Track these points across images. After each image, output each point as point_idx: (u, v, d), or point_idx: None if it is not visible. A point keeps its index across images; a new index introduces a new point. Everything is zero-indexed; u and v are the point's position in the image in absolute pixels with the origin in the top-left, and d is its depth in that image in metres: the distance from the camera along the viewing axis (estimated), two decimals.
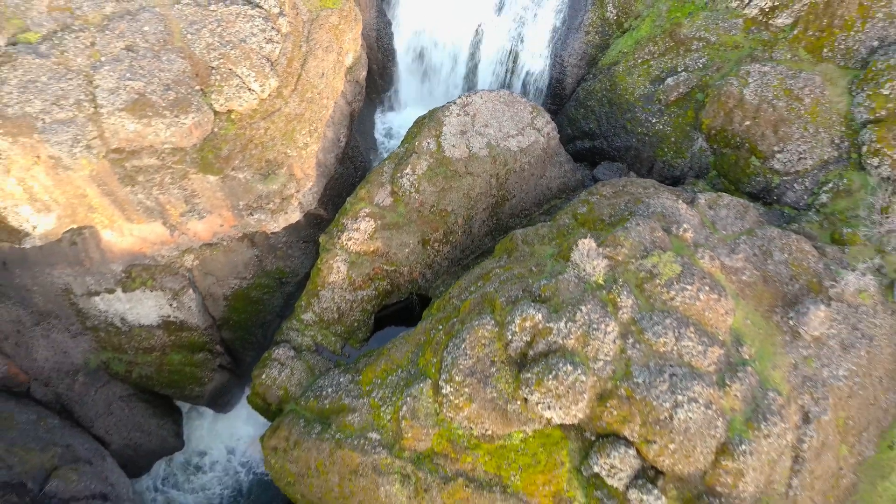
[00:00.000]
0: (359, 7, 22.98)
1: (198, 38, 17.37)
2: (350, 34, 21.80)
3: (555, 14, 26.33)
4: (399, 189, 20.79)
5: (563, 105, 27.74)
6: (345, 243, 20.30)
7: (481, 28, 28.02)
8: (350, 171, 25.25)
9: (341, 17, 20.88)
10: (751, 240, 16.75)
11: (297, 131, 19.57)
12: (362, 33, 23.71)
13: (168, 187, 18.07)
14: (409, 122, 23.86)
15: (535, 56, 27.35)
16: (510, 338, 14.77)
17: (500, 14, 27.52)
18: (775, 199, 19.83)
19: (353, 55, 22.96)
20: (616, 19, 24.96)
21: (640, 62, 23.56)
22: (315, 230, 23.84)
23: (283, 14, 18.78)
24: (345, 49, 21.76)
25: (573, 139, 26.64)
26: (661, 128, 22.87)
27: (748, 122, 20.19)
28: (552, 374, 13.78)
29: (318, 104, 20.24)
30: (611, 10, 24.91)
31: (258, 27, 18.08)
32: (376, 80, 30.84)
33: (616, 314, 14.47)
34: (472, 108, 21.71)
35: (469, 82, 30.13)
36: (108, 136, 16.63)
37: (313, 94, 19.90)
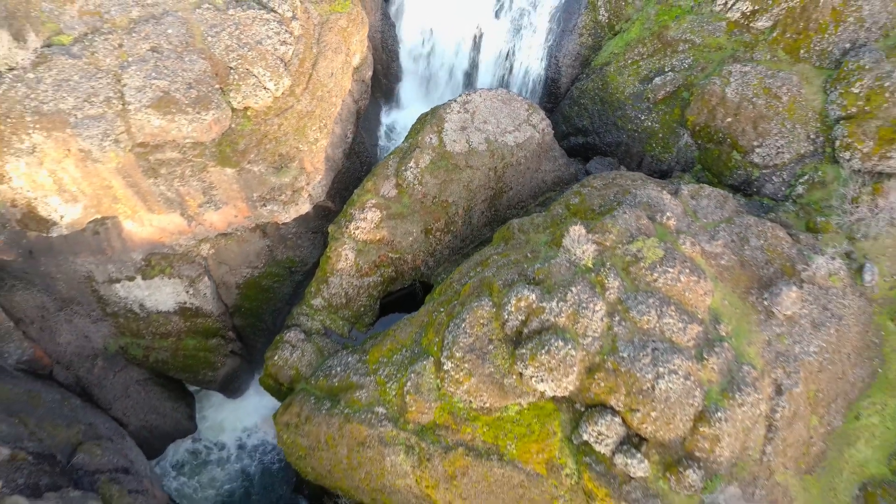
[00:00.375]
0: (365, 11, 23.91)
1: (218, 40, 18.48)
2: (357, 36, 22.74)
3: (550, 17, 27.10)
4: (403, 181, 21.77)
5: (558, 103, 28.54)
6: (353, 232, 21.25)
7: (480, 31, 28.86)
8: (356, 165, 26.11)
9: (349, 20, 21.84)
10: (729, 227, 17.74)
11: (308, 127, 20.58)
12: (368, 35, 24.57)
13: (188, 179, 19.11)
14: (411, 119, 24.63)
15: (532, 57, 28.18)
16: (506, 317, 15.74)
17: (498, 18, 28.41)
18: (755, 190, 20.79)
19: (360, 56, 23.86)
20: (608, 22, 25.79)
21: (630, 63, 24.44)
22: (323, 221, 24.68)
23: (296, 18, 19.89)
24: (352, 50, 22.69)
25: (568, 135, 27.45)
26: (649, 124, 23.80)
27: (730, 119, 21.12)
28: (545, 350, 14.78)
29: (328, 102, 21.22)
30: (603, 13, 25.73)
31: (273, 30, 19.17)
32: (381, 79, 31.75)
33: (604, 294, 15.49)
34: (471, 106, 22.57)
35: (469, 81, 30.94)
36: (134, 130, 17.69)
37: (323, 92, 20.90)
